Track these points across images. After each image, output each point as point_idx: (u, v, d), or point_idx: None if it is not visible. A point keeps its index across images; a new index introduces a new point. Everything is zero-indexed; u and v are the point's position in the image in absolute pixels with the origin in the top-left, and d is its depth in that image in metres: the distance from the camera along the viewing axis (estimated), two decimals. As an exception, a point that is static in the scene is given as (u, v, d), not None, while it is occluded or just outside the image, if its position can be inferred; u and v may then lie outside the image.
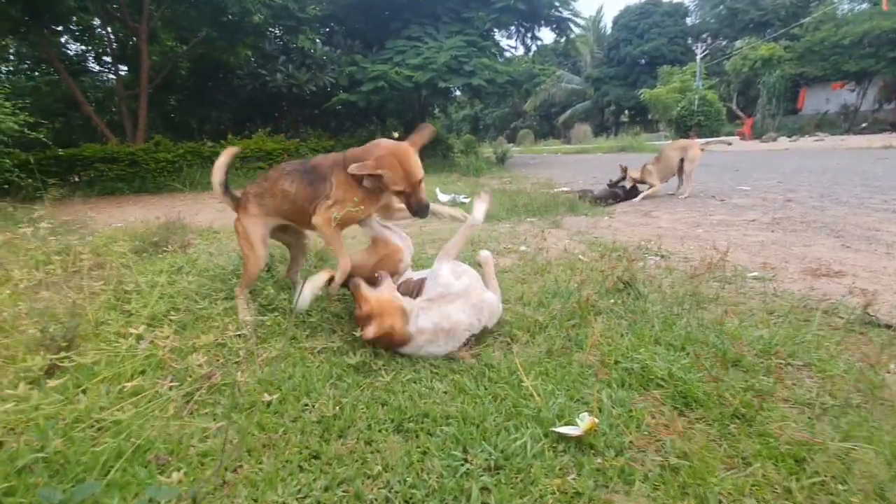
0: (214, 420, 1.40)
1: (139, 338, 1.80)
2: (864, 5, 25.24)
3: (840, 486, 1.06)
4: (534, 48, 17.12)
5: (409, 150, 1.91)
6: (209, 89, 15.16)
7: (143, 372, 1.66)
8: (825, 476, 1.09)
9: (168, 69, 12.82)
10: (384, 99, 12.97)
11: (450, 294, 1.84)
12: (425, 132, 2.01)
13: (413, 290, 2.00)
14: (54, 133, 11.45)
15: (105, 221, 5.63)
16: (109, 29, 12.63)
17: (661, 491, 1.08)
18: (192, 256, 3.16)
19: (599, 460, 1.18)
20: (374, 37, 13.88)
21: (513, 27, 15.38)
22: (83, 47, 15.05)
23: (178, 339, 1.87)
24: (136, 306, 2.17)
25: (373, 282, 1.91)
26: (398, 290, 1.94)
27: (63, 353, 1.58)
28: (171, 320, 2.02)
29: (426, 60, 12.09)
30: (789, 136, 21.17)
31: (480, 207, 2.08)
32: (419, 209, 1.96)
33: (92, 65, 15.47)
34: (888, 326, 1.90)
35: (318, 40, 13.23)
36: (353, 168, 1.87)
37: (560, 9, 14.23)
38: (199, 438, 1.31)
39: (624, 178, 6.09)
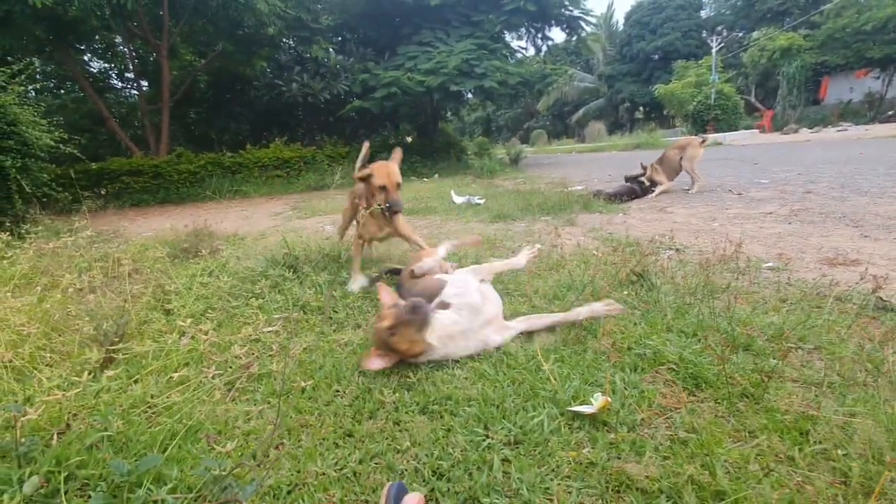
0: (255, 405, 1.52)
1: (182, 333, 1.94)
2: (888, -12, 24.47)
3: (840, 452, 1.12)
4: (545, 48, 17.13)
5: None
6: (227, 101, 15.63)
7: (187, 364, 1.80)
8: (827, 444, 1.15)
9: (188, 83, 13.28)
10: (397, 104, 13.16)
11: (471, 328, 1.79)
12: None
13: (433, 290, 2.00)
14: (81, 148, 11.99)
15: (136, 231, 5.90)
16: (131, 46, 13.13)
17: (671, 460, 1.16)
18: (221, 261, 3.32)
19: (612, 435, 1.27)
20: (386, 44, 14.12)
21: (523, 28, 15.42)
22: (106, 65, 15.70)
23: (217, 335, 2.01)
24: (175, 306, 2.33)
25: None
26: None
27: (117, 347, 1.73)
28: (208, 318, 2.16)
29: (437, 65, 12.24)
30: (811, 128, 20.73)
31: (525, 254, 2.39)
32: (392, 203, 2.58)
33: (115, 81, 16.12)
34: (903, 310, 1.93)
35: (331, 49, 13.51)
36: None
37: (570, 7, 14.23)
38: (243, 420, 1.44)
39: (643, 174, 6.13)
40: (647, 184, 6.13)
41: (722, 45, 28.46)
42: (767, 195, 5.39)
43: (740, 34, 33.07)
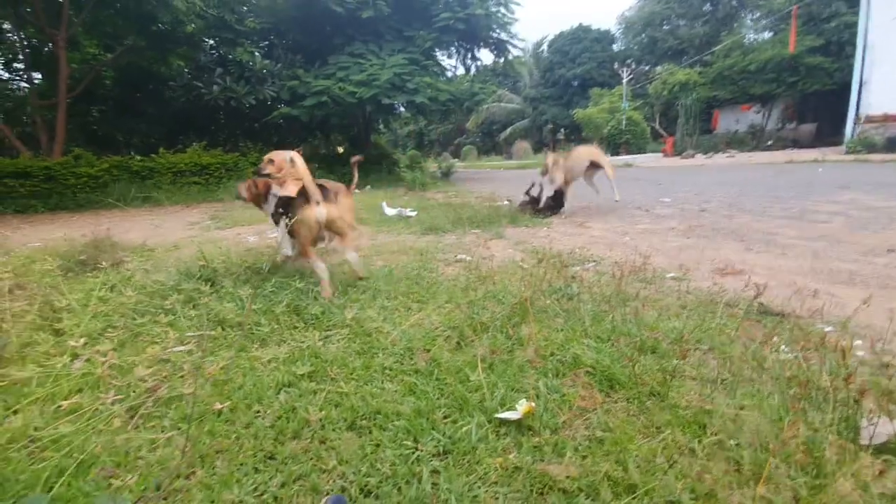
0: (163, 431, 1.39)
1: (75, 356, 1.73)
2: (767, 34, 28.39)
3: (733, 442, 1.26)
4: (474, 68, 17.74)
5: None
6: (137, 100, 14.34)
7: (80, 390, 1.60)
8: (722, 436, 1.29)
9: (90, 78, 12.00)
10: (328, 114, 12.90)
11: None
12: None
13: None
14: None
15: (19, 241, 5.18)
16: (22, 34, 11.68)
17: (589, 459, 1.23)
18: (125, 274, 3.02)
19: (537, 439, 1.32)
20: (317, 52, 13.83)
21: (453, 47, 15.91)
22: (-10, 54, 13.80)
23: (117, 356, 1.81)
24: (68, 324, 2.07)
25: None
26: None
27: (-11, 374, 1.50)
28: (108, 337, 1.94)
29: (370, 77, 12.21)
30: (705, 153, 23.23)
31: None
32: None
33: (0, 71, 14.18)
34: (780, 314, 2.22)
35: (257, 53, 12.95)
36: None
37: (498, 31, 14.92)
38: (148, 449, 1.30)
39: (531, 188, 6.38)
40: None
41: (631, 76, 31.28)
42: (670, 212, 5.96)
43: (646, 68, 36.62)
